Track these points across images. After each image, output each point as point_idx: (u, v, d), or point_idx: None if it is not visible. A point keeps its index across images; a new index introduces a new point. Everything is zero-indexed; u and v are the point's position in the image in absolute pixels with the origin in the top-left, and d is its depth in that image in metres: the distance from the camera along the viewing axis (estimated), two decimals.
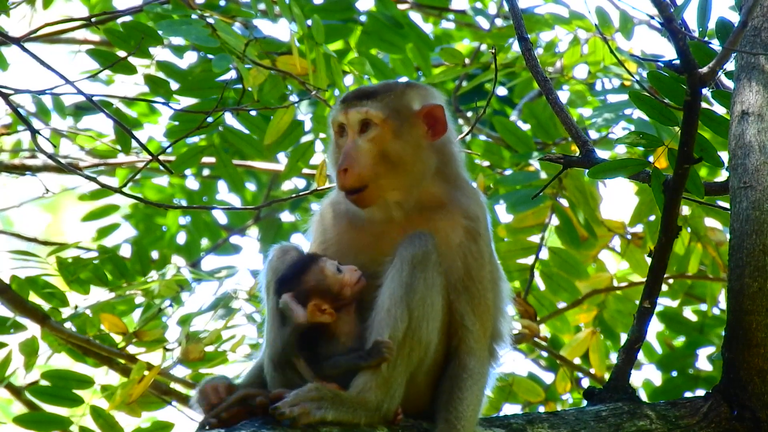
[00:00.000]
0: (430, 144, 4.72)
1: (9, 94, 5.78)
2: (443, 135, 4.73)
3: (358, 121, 4.71)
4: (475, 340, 4.65)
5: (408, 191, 4.69)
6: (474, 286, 4.65)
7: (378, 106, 4.69)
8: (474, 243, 4.67)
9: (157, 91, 7.15)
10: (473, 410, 4.60)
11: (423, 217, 4.71)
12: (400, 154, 4.68)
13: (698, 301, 8.39)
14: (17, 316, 6.65)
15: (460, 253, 4.65)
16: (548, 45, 7.82)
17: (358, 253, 4.75)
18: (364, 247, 4.75)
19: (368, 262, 4.70)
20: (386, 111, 4.69)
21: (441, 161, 4.76)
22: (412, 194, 4.69)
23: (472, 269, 4.66)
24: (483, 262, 4.67)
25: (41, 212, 12.60)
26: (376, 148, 4.68)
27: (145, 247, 7.81)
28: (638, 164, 4.90)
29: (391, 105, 4.71)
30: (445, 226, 4.68)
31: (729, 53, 4.60)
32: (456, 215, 4.70)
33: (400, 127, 4.68)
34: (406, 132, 4.69)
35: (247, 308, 6.77)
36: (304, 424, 4.41)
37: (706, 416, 4.83)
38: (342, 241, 4.79)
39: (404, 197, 4.69)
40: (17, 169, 8.57)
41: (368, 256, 4.72)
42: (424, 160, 4.70)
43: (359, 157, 4.65)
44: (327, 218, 4.85)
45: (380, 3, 8.16)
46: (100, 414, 6.53)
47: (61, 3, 9.42)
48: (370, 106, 4.70)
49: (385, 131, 4.69)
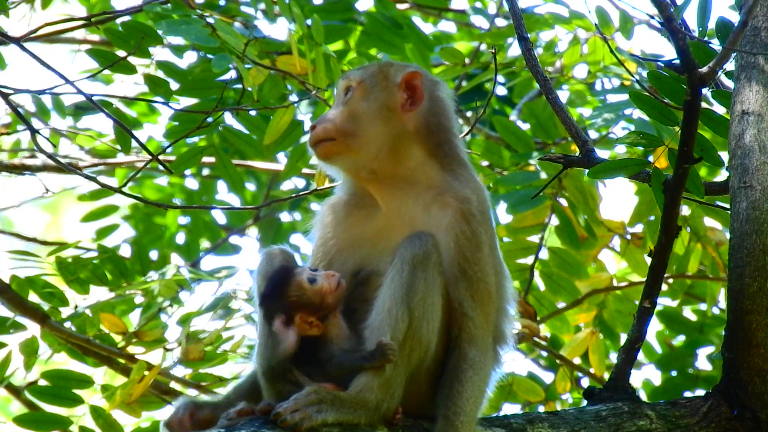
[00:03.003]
0: (410, 116, 4.81)
1: (8, 93, 5.78)
2: (420, 104, 4.81)
3: (343, 88, 4.89)
4: (476, 326, 4.63)
5: (374, 155, 4.77)
6: (470, 268, 4.64)
7: (359, 72, 4.88)
8: (466, 223, 4.67)
9: (156, 90, 7.14)
10: (474, 403, 4.58)
11: (413, 198, 4.75)
12: (367, 114, 4.80)
13: (698, 301, 8.39)
14: (17, 316, 6.65)
15: (452, 234, 4.65)
16: (548, 45, 7.82)
17: (357, 249, 4.78)
18: (363, 242, 4.78)
19: (368, 258, 4.73)
20: (364, 75, 4.86)
21: (432, 140, 4.83)
22: (382, 161, 4.77)
23: (465, 250, 4.64)
24: (478, 244, 4.66)
25: (41, 212, 12.60)
26: (347, 108, 4.83)
27: (144, 247, 7.82)
28: (638, 164, 4.90)
29: (371, 71, 4.87)
30: (437, 209, 4.71)
31: (729, 53, 4.60)
32: (447, 197, 4.72)
33: (371, 90, 4.83)
34: (377, 95, 4.82)
35: (246, 308, 6.77)
36: (306, 428, 4.43)
37: (706, 416, 4.83)
38: (341, 238, 4.82)
39: (371, 161, 4.77)
40: (17, 168, 8.56)
41: (367, 251, 4.75)
42: (394, 127, 4.79)
43: (332, 115, 4.82)
44: (327, 218, 4.89)
45: (380, 3, 8.16)
46: (99, 414, 6.53)
47: (60, 3, 9.42)
48: (354, 73, 4.89)
49: (357, 93, 4.83)
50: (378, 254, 4.72)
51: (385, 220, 4.77)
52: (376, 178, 4.80)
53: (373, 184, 4.81)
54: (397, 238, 4.66)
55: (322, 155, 4.83)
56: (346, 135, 4.80)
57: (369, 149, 4.79)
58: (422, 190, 4.76)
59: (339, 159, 4.82)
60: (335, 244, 4.82)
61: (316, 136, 4.81)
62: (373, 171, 4.80)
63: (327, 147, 4.81)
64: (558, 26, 7.84)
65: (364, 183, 4.84)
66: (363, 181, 4.84)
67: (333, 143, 4.81)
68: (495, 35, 8.23)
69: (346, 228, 4.83)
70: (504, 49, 7.92)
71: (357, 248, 4.78)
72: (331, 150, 4.81)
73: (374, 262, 4.72)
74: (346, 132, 4.80)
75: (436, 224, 4.68)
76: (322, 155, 4.83)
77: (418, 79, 4.83)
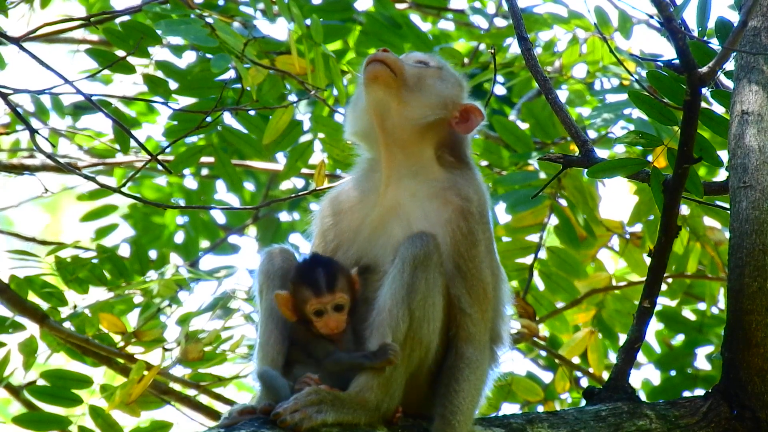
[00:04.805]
0: (446, 127, 4.89)
1: (8, 93, 5.78)
2: (460, 132, 4.90)
3: (415, 58, 4.97)
4: (473, 324, 4.66)
5: (406, 119, 4.82)
6: (465, 264, 4.67)
7: (442, 60, 5.00)
8: (464, 221, 4.70)
9: (155, 90, 7.15)
10: (470, 402, 4.61)
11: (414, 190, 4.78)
12: (430, 90, 4.87)
13: (697, 301, 8.39)
14: (16, 316, 6.65)
15: (449, 229, 4.69)
16: (547, 44, 7.82)
17: (356, 241, 4.79)
18: (362, 231, 4.80)
19: (366, 249, 4.75)
20: (445, 66, 4.97)
21: (448, 146, 4.88)
22: (403, 132, 4.81)
23: (461, 246, 4.67)
24: (474, 241, 4.69)
25: (40, 212, 12.60)
26: (418, 71, 4.88)
27: (143, 247, 7.80)
28: (637, 164, 4.90)
29: (452, 71, 4.98)
30: (438, 204, 4.74)
31: (729, 53, 4.60)
32: (449, 194, 4.76)
33: (443, 82, 4.91)
34: (444, 89, 4.90)
35: (245, 308, 6.77)
36: (306, 428, 4.43)
37: (706, 416, 4.83)
38: (342, 231, 4.83)
39: (401, 119, 4.81)
40: (16, 168, 8.56)
41: (366, 241, 4.77)
42: (433, 121, 4.85)
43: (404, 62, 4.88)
44: (326, 213, 4.91)
45: (379, 3, 8.17)
46: (99, 414, 6.53)
47: (59, 3, 9.41)
48: (436, 56, 5.02)
49: (432, 71, 4.92)
50: (376, 246, 4.75)
51: (384, 209, 4.77)
52: (387, 150, 4.82)
53: (385, 157, 4.83)
54: (394, 230, 4.71)
55: (373, 74, 4.82)
56: (404, 81, 4.83)
57: (409, 110, 4.82)
58: (425, 184, 4.79)
59: (382, 89, 4.82)
60: (336, 236, 4.83)
61: (384, 58, 4.83)
62: (390, 134, 4.82)
63: (384, 72, 4.82)
64: (557, 26, 7.84)
65: (375, 145, 4.86)
66: (374, 141, 4.85)
67: (390, 75, 4.82)
68: (494, 35, 8.23)
69: (345, 217, 4.84)
70: (503, 49, 7.91)
71: (356, 237, 4.79)
72: (385, 77, 4.82)
73: (372, 254, 4.75)
74: (406, 80, 4.84)
75: (436, 220, 4.70)
76: (374, 74, 4.82)
77: (477, 117, 4.90)
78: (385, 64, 4.82)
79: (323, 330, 4.65)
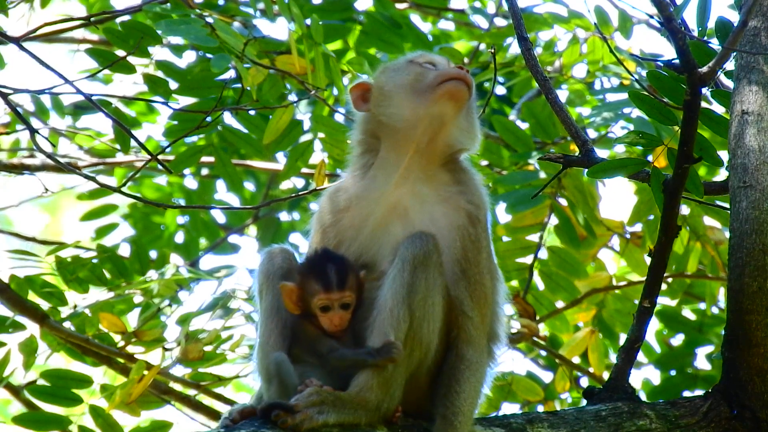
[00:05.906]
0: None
1: (8, 93, 5.78)
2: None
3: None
4: (474, 327, 4.69)
5: (457, 137, 4.91)
6: (470, 269, 4.71)
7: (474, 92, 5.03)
8: (473, 227, 4.76)
9: (156, 90, 7.15)
10: (471, 403, 4.63)
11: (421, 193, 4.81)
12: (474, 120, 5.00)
13: (697, 300, 8.39)
14: (16, 316, 6.65)
15: (459, 234, 4.73)
16: (547, 44, 7.82)
17: (358, 239, 4.80)
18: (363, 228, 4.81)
19: (368, 249, 4.76)
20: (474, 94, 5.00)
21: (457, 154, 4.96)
22: (449, 145, 4.90)
23: (468, 251, 4.72)
24: (480, 247, 4.75)
25: (40, 212, 12.60)
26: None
27: (143, 247, 7.80)
28: (638, 164, 4.90)
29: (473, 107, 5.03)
30: (447, 209, 4.78)
31: (729, 53, 4.60)
32: (460, 200, 4.80)
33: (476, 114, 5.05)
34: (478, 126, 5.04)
35: (245, 308, 6.77)
36: (306, 429, 4.43)
37: (706, 416, 4.83)
38: (343, 228, 4.83)
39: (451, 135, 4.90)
40: (16, 168, 8.56)
41: (368, 242, 4.79)
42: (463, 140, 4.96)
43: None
44: (325, 210, 4.91)
45: (379, 3, 8.16)
46: (99, 413, 6.53)
47: (59, 2, 9.41)
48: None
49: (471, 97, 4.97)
50: (376, 245, 4.77)
51: (389, 209, 4.78)
52: (411, 155, 4.86)
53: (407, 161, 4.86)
54: (396, 230, 4.74)
55: (456, 92, 4.87)
56: (468, 106, 4.94)
57: (460, 135, 4.91)
58: (435, 188, 4.83)
59: (456, 109, 4.89)
60: (337, 234, 4.84)
61: (467, 78, 4.89)
62: (426, 143, 4.86)
63: (465, 95, 4.90)
64: (557, 26, 7.84)
65: (396, 147, 4.88)
66: (397, 143, 4.88)
67: (467, 98, 4.91)
68: (494, 35, 8.23)
69: (347, 215, 4.85)
70: (503, 48, 7.91)
71: (358, 235, 4.80)
72: (463, 100, 4.90)
73: (371, 253, 4.77)
74: (470, 105, 4.96)
75: (444, 224, 4.74)
76: (456, 93, 4.87)
77: None
78: (466, 85, 4.89)
79: (327, 326, 4.65)
